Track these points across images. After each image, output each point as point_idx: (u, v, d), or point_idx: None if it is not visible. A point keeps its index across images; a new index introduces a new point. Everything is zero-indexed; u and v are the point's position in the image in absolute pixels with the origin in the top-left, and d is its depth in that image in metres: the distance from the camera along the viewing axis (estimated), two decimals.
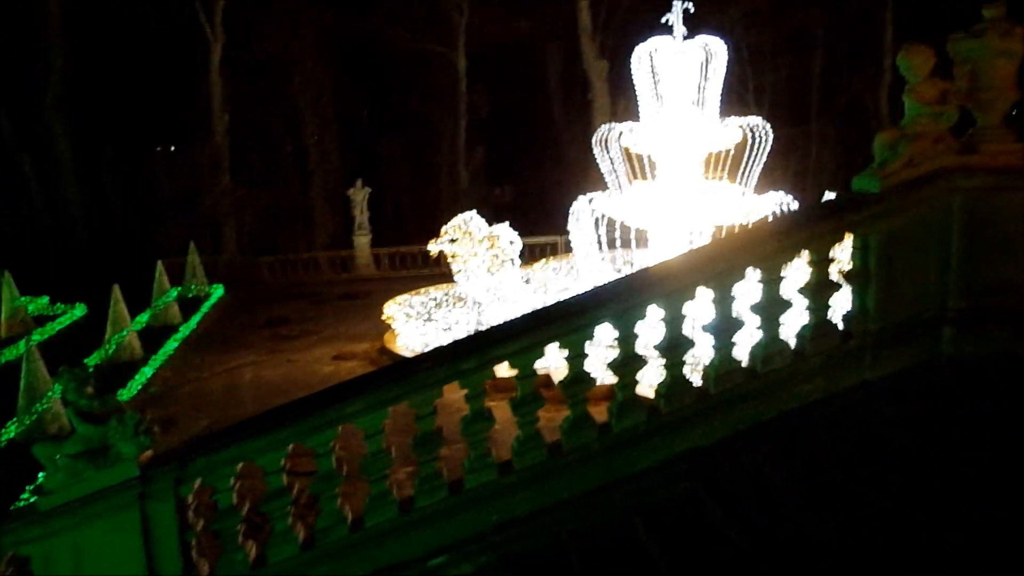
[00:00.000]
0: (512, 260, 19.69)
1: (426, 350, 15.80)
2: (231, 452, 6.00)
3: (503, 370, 6.33)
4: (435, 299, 20.31)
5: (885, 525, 5.21)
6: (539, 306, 6.95)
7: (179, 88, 37.97)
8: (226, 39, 36.24)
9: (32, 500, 6.14)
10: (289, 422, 5.98)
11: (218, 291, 27.85)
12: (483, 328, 15.42)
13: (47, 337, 23.04)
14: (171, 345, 20.95)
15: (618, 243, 17.74)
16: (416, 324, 18.19)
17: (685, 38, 17.66)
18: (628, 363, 6.35)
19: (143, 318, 22.63)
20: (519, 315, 6.54)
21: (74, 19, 35.28)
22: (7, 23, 34.79)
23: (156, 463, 5.96)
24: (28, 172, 36.69)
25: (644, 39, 18.22)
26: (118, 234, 37.67)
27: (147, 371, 18.61)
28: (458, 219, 19.90)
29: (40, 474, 12.86)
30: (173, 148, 38.64)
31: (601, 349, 7.59)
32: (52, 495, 5.88)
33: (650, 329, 6.50)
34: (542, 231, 29.63)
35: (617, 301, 6.29)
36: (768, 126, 17.24)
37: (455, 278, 20.34)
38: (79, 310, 26.42)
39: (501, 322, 6.69)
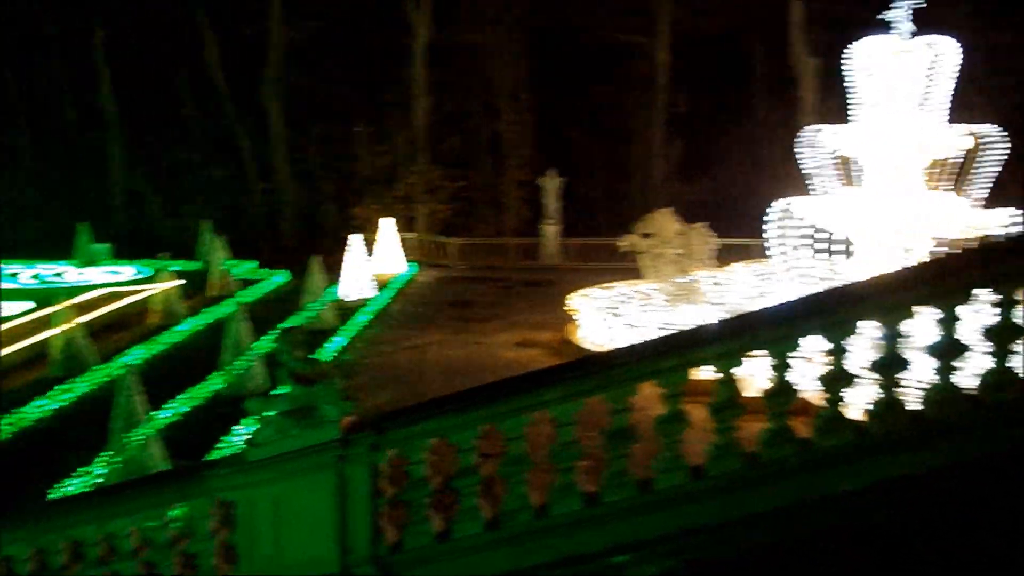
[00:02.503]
0: (705, 260, 19.22)
1: (610, 345, 15.70)
2: (428, 425, 6.14)
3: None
4: (622, 294, 20.11)
5: None
6: (740, 310, 6.69)
7: (384, 70, 39.64)
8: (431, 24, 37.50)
9: (242, 449, 6.52)
10: (488, 402, 6.03)
11: (411, 269, 28.91)
12: (669, 328, 15.15)
13: (251, 299, 24.67)
14: (363, 318, 21.89)
15: (818, 251, 16.84)
16: (600, 318, 18.07)
17: (913, 35, 16.46)
18: (837, 378, 5.98)
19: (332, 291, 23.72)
20: (721, 318, 6.30)
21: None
22: (233, 4, 37.57)
23: (355, 428, 6.18)
24: (244, 145, 39.49)
25: (860, 36, 17.19)
26: (320, 208, 39.89)
27: (340, 341, 19.52)
28: (653, 215, 19.65)
29: (232, 426, 13.85)
30: (374, 128, 40.36)
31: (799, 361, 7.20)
32: (260, 448, 6.22)
33: (864, 345, 6.08)
34: (737, 232, 28.73)
35: (829, 311, 5.93)
36: (1003, 133, 15.81)
37: (644, 274, 20.06)
38: (281, 276, 28.15)
39: (701, 324, 6.47)
